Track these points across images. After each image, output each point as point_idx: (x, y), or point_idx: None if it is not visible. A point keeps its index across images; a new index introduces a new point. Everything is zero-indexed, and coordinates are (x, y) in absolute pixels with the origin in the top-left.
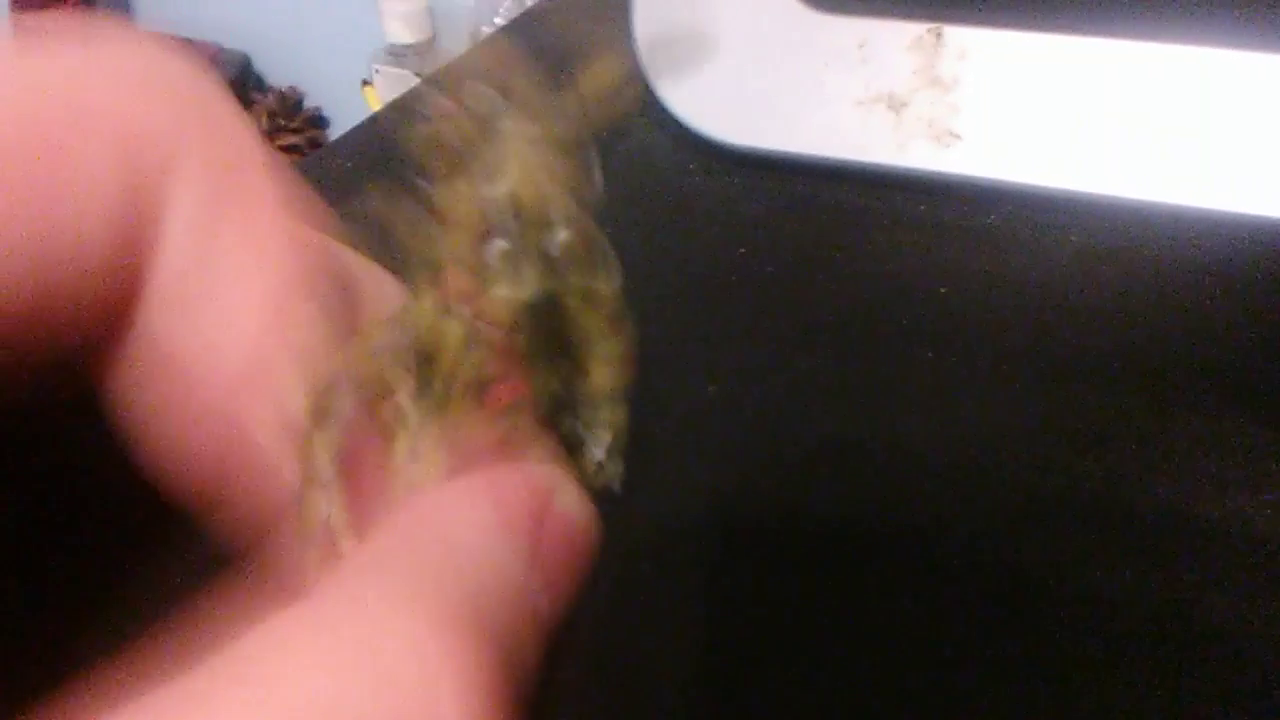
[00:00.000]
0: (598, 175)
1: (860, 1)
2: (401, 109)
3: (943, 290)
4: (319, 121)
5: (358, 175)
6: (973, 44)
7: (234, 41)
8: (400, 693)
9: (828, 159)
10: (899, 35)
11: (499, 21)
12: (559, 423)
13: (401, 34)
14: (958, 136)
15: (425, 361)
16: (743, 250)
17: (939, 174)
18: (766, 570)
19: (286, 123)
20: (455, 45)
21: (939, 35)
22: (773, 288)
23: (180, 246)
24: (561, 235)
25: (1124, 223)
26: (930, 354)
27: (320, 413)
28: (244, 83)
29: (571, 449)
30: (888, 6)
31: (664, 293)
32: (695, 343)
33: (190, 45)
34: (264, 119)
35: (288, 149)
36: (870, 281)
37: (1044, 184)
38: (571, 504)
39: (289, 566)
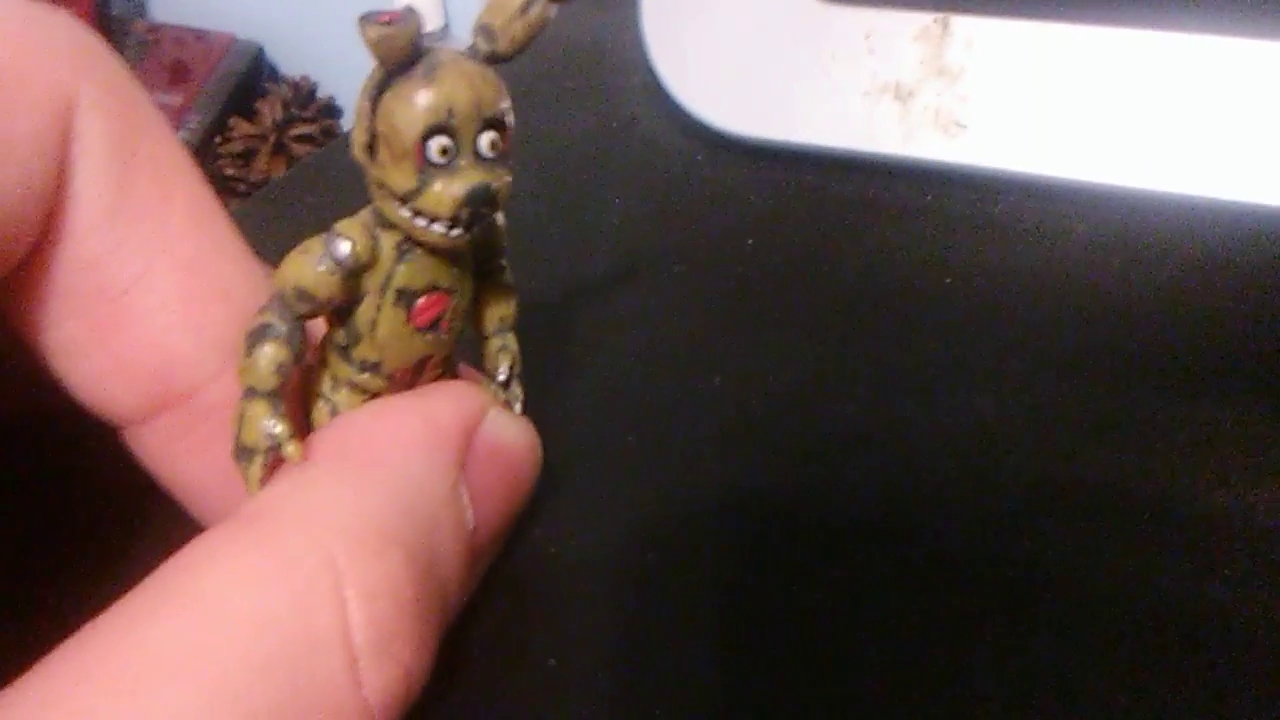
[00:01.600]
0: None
1: None
2: None
3: (949, 280)
4: (332, 111)
5: None
6: (979, 34)
7: (247, 31)
8: (312, 604)
9: (835, 149)
10: (905, 25)
11: None
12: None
13: None
14: (964, 126)
15: (358, 274)
16: (750, 240)
17: (946, 164)
18: (772, 560)
19: (300, 112)
20: (467, 34)
21: (945, 25)
22: (780, 277)
23: (95, 188)
24: (491, 136)
25: (1131, 212)
26: (936, 344)
27: (259, 330)
28: (257, 73)
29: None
30: None
31: (672, 284)
32: (702, 333)
33: (204, 36)
34: (278, 109)
35: (301, 138)
36: (877, 271)
37: (1051, 174)
38: (502, 424)
39: (231, 478)
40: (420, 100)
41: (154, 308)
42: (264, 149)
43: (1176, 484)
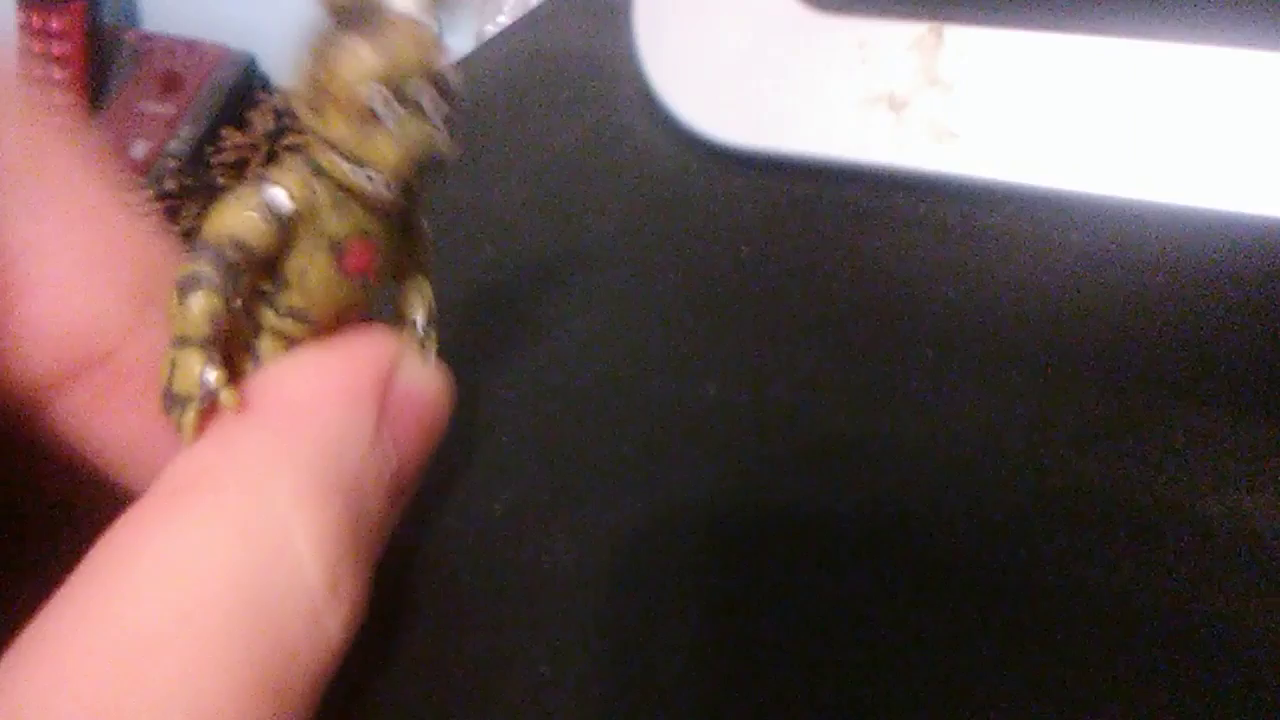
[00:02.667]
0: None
1: (860, 1)
2: None
3: (944, 290)
4: None
5: None
6: (973, 43)
7: (240, 42)
8: (274, 563)
9: (828, 159)
10: (899, 35)
11: (503, 21)
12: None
13: None
14: (958, 136)
15: (293, 223)
16: (744, 249)
17: (940, 174)
18: (767, 569)
19: (292, 122)
20: (459, 43)
21: (939, 35)
22: (773, 287)
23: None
24: (433, 94)
25: (1126, 223)
26: (931, 353)
27: (190, 279)
28: (249, 83)
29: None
30: (887, 6)
31: (665, 293)
32: (697, 343)
33: (196, 46)
34: (270, 118)
35: (293, 148)
36: (871, 281)
37: (1046, 184)
38: (416, 371)
39: (155, 438)
40: (364, 52)
41: (51, 272)
42: (255, 159)
43: (1173, 491)
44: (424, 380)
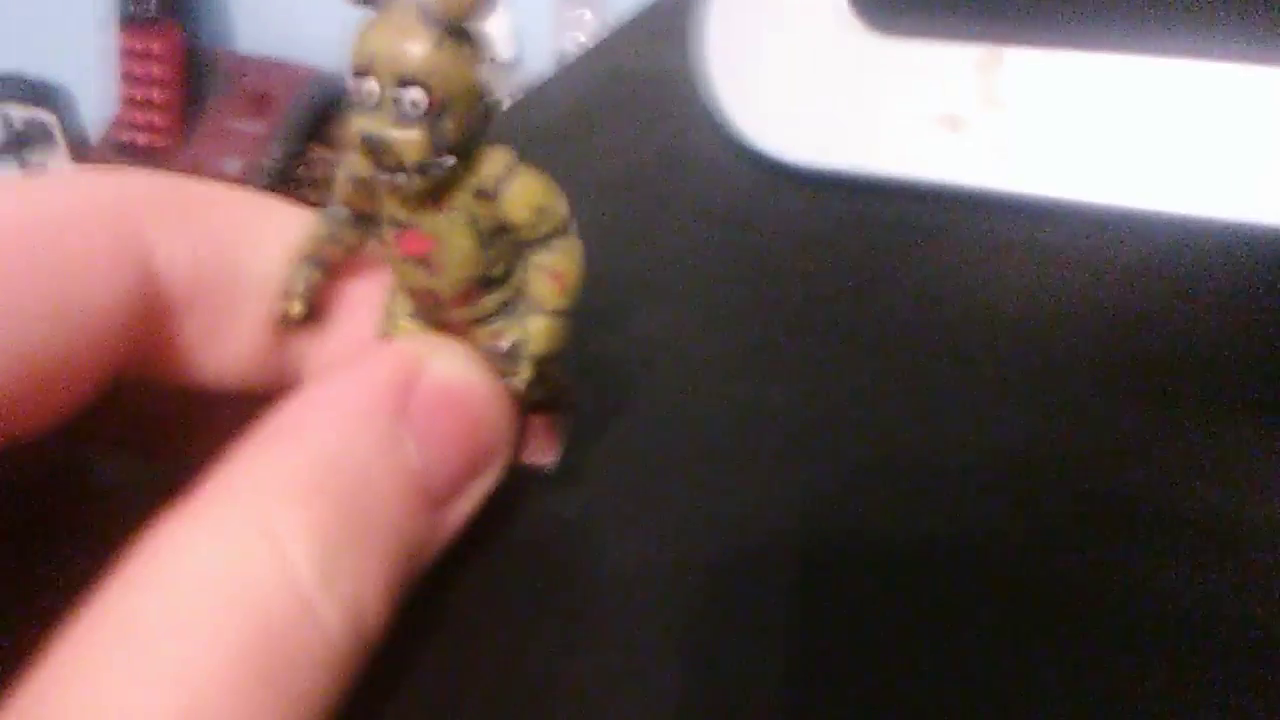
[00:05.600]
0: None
1: (921, 24)
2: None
3: (999, 303)
4: None
5: None
6: (1030, 65)
7: (328, 62)
8: (258, 564)
9: (890, 177)
10: (958, 57)
11: (581, 40)
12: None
13: None
14: (1016, 155)
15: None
16: (809, 267)
17: (998, 191)
18: (818, 573)
19: None
20: (538, 64)
21: (998, 57)
22: (837, 302)
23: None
24: (413, 94)
25: (1178, 237)
26: (986, 364)
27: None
28: (337, 101)
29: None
30: (947, 29)
31: (731, 306)
32: (761, 357)
33: (286, 66)
34: None
35: None
36: (931, 296)
37: (1102, 201)
38: (448, 367)
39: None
40: (354, 41)
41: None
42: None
43: (1218, 499)
44: (457, 376)
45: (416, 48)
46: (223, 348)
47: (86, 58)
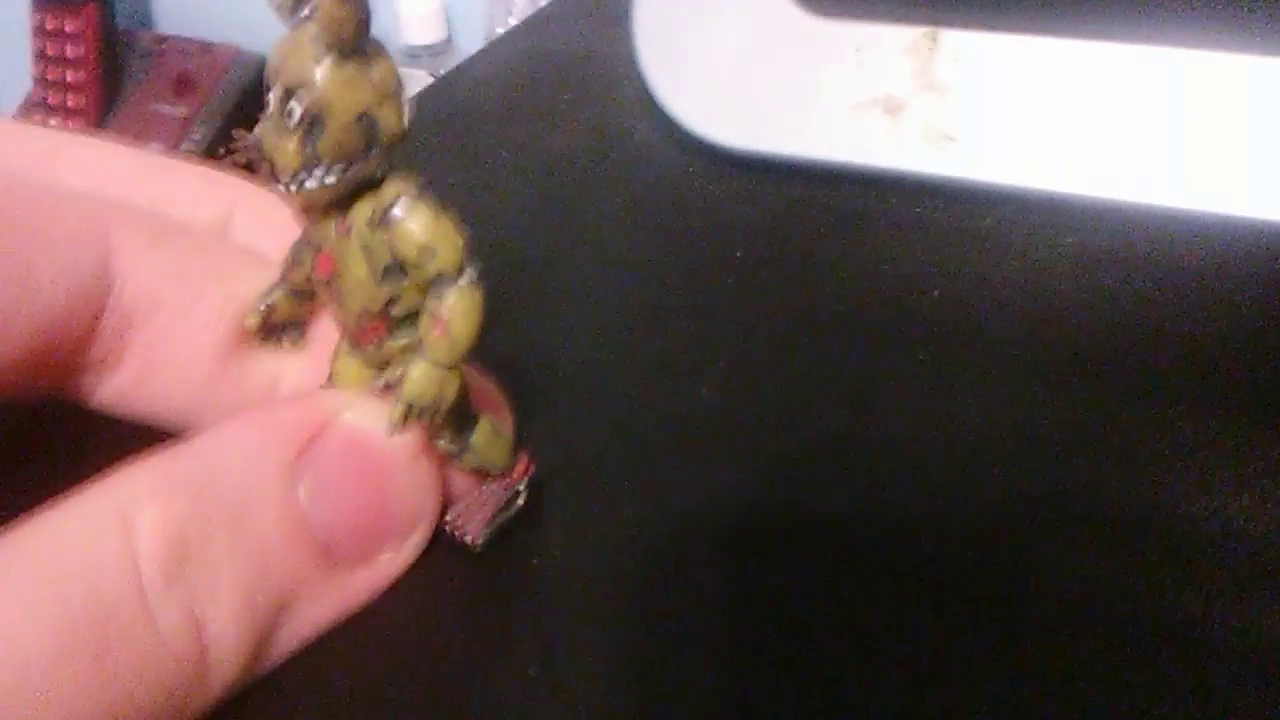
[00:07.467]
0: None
1: (856, 5)
2: (417, 108)
3: (937, 292)
4: None
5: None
6: (968, 47)
7: (252, 43)
8: (102, 540)
9: (824, 162)
10: (894, 39)
11: (513, 22)
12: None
13: (417, 35)
14: (953, 139)
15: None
16: (739, 252)
17: (935, 177)
18: (756, 570)
19: None
20: (471, 46)
21: (934, 39)
22: (769, 288)
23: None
24: (293, 105)
25: (1119, 226)
26: (924, 356)
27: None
28: (262, 84)
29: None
30: (883, 10)
31: (661, 295)
32: (691, 345)
33: (209, 48)
34: None
35: None
36: (866, 283)
37: (1040, 186)
38: (360, 420)
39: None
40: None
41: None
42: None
43: (1157, 495)
44: (366, 430)
45: (297, 61)
46: (168, 369)
47: None
